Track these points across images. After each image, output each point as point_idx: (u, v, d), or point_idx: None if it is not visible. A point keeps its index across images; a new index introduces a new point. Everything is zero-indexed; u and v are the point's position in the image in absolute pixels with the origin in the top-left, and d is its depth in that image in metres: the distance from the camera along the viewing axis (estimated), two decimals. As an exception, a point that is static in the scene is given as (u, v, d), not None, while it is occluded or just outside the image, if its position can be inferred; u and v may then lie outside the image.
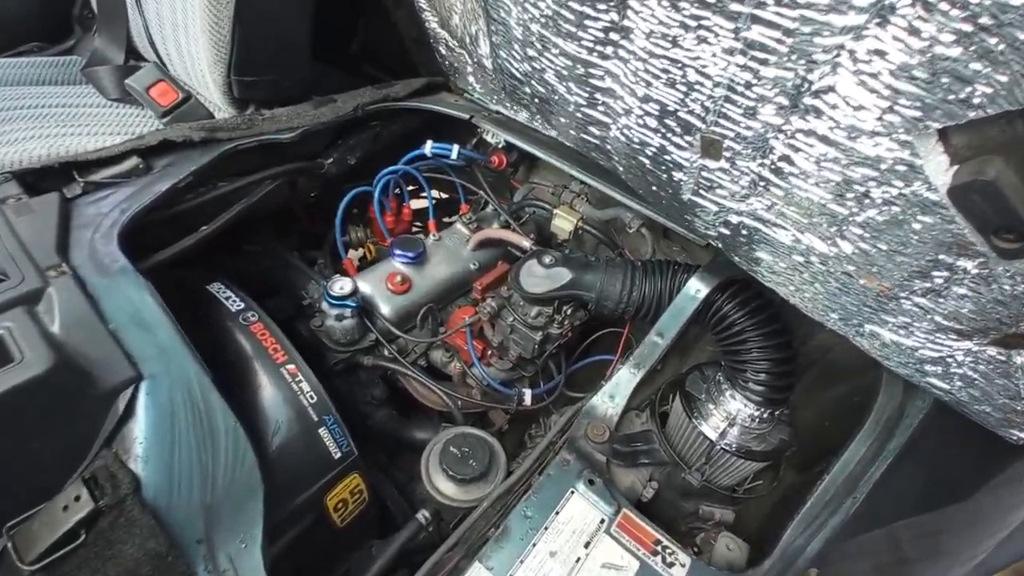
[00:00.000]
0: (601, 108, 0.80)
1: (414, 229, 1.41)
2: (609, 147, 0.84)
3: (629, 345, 1.13)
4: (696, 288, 0.94)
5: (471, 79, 1.19)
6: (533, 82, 0.87)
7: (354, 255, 1.35)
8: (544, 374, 1.17)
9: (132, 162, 0.83)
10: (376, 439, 1.07)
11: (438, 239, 1.23)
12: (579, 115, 0.84)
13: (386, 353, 1.08)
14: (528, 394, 1.07)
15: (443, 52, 1.18)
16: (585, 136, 0.87)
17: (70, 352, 0.59)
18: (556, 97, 0.85)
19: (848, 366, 1.05)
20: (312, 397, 0.80)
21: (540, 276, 1.03)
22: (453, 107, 1.23)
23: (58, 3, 1.34)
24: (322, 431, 0.80)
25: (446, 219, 1.45)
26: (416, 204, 1.39)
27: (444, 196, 1.52)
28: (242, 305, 0.86)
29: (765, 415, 0.94)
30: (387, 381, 1.13)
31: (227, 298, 0.87)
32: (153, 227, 0.87)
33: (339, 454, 0.81)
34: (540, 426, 1.13)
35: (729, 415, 0.95)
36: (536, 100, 0.92)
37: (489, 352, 1.11)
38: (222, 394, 0.68)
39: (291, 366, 0.81)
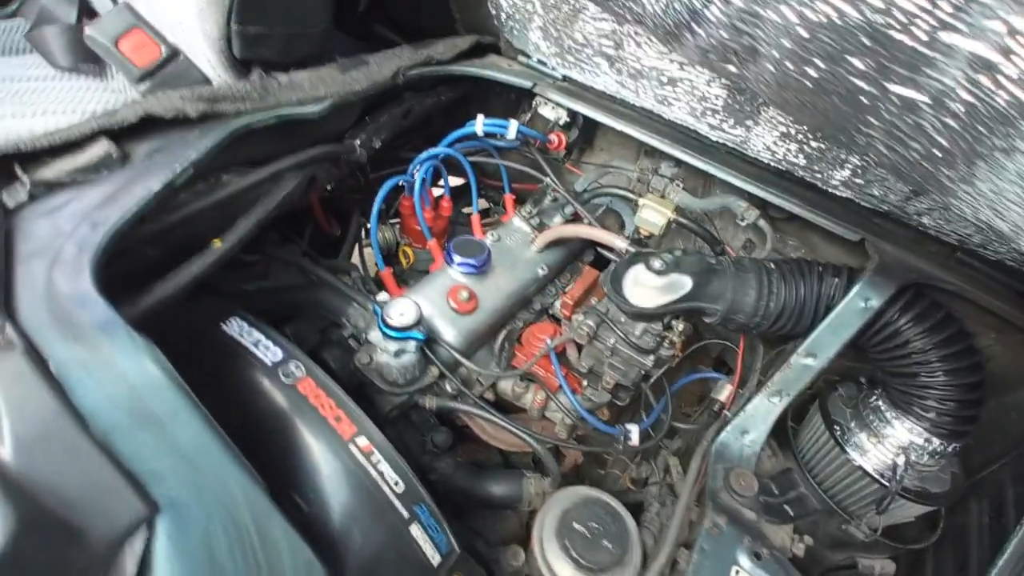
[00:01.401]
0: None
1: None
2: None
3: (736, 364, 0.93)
4: (866, 298, 0.74)
5: (535, 36, 0.94)
6: None
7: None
8: (640, 402, 0.96)
9: (101, 148, 0.55)
10: (442, 497, 0.83)
11: (496, 240, 0.99)
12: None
13: (449, 389, 0.84)
14: (635, 431, 0.85)
15: (500, 0, 0.92)
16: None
17: (35, 496, 0.33)
18: None
19: (1007, 379, 0.89)
20: (398, 484, 0.56)
21: (652, 286, 0.80)
22: (510, 73, 0.98)
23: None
24: (414, 529, 0.56)
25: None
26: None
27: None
28: (280, 354, 0.60)
29: (948, 450, 0.76)
30: (440, 418, 0.90)
31: (256, 343, 0.61)
32: (135, 246, 0.60)
33: (438, 558, 0.58)
34: (649, 467, 0.91)
35: (900, 448, 0.77)
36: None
37: (585, 382, 0.89)
38: (282, 512, 0.44)
39: (363, 440, 0.57)
